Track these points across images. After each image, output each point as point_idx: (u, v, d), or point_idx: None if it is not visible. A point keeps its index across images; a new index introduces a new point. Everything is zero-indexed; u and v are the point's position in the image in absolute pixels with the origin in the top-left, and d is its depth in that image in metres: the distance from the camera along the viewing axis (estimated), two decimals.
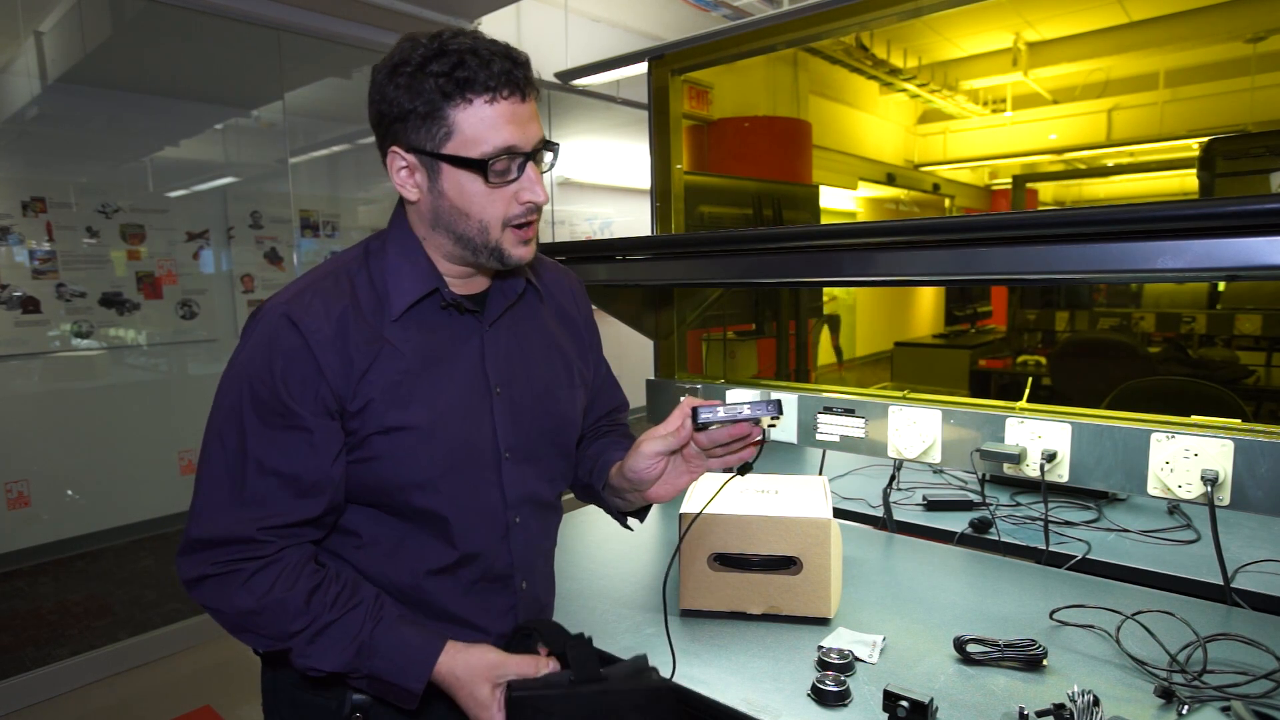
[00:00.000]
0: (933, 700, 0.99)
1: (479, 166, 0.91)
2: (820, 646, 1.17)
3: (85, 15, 3.16)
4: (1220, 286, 4.02)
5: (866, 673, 1.12)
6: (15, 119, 3.07)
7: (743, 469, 1.02)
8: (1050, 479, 1.48)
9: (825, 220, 5.15)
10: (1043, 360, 4.53)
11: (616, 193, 6.16)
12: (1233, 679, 1.07)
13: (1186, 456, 1.33)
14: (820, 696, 1.05)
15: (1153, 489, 1.37)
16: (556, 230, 5.71)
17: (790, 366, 3.17)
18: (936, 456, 1.62)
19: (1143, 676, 1.10)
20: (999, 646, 1.13)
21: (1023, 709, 0.97)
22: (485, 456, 1.02)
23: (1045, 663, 1.12)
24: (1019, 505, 1.84)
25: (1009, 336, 5.09)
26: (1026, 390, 1.86)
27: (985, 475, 1.86)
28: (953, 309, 6.63)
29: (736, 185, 3.50)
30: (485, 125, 0.90)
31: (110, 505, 3.31)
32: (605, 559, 1.61)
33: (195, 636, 3.19)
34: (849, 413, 1.73)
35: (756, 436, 0.99)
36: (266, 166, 3.79)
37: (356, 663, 0.93)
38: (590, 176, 5.94)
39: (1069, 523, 1.72)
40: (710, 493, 1.39)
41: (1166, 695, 1.02)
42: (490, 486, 1.02)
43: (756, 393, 1.93)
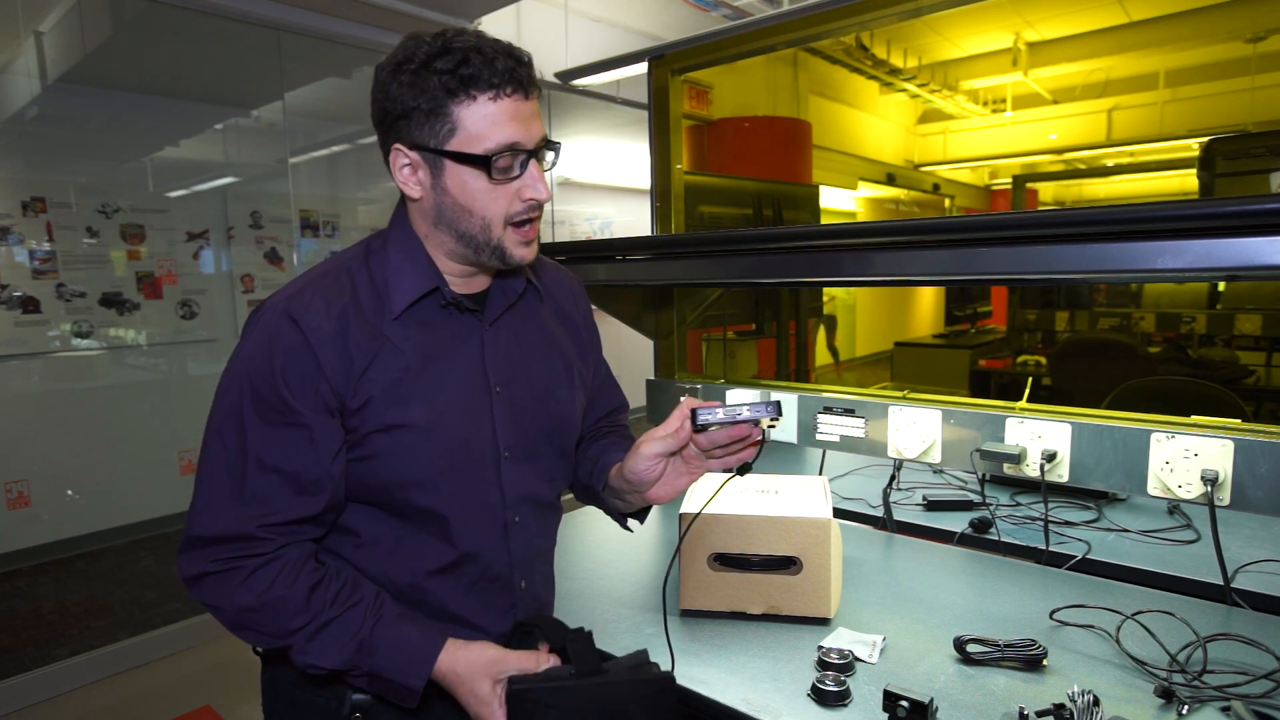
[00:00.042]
0: (933, 700, 0.99)
1: (482, 163, 0.92)
2: (820, 646, 1.17)
3: (85, 15, 3.16)
4: (1220, 286, 4.02)
5: (866, 673, 1.12)
6: (15, 119, 3.07)
7: (742, 469, 1.01)
8: (1050, 479, 1.48)
9: (825, 220, 5.15)
10: (1043, 360, 4.53)
11: (616, 193, 6.16)
12: (1233, 679, 1.07)
13: (1186, 456, 1.33)
14: (820, 696, 1.05)
15: (1153, 489, 1.37)
16: (556, 230, 5.71)
17: (790, 366, 3.17)
18: (936, 456, 1.62)
19: (1143, 676, 1.10)
20: (999, 646, 1.13)
21: (1023, 709, 0.97)
22: (484, 455, 1.02)
23: (1045, 663, 1.12)
24: (1019, 505, 1.84)
25: (1009, 336, 5.09)
26: (1026, 390, 1.86)
27: (985, 475, 1.86)
28: (953, 309, 6.62)
29: (736, 185, 3.49)
30: (488, 122, 0.91)
31: (110, 505, 3.31)
32: (605, 559, 1.61)
33: (195, 636, 3.19)
34: (849, 413, 1.73)
35: (756, 437, 0.99)
36: (266, 166, 3.79)
37: (357, 660, 0.92)
38: (590, 176, 5.94)
39: (1069, 523, 1.72)
40: (710, 493, 1.39)
41: (1166, 695, 1.02)
42: (489, 486, 1.02)
43: (756, 393, 1.93)
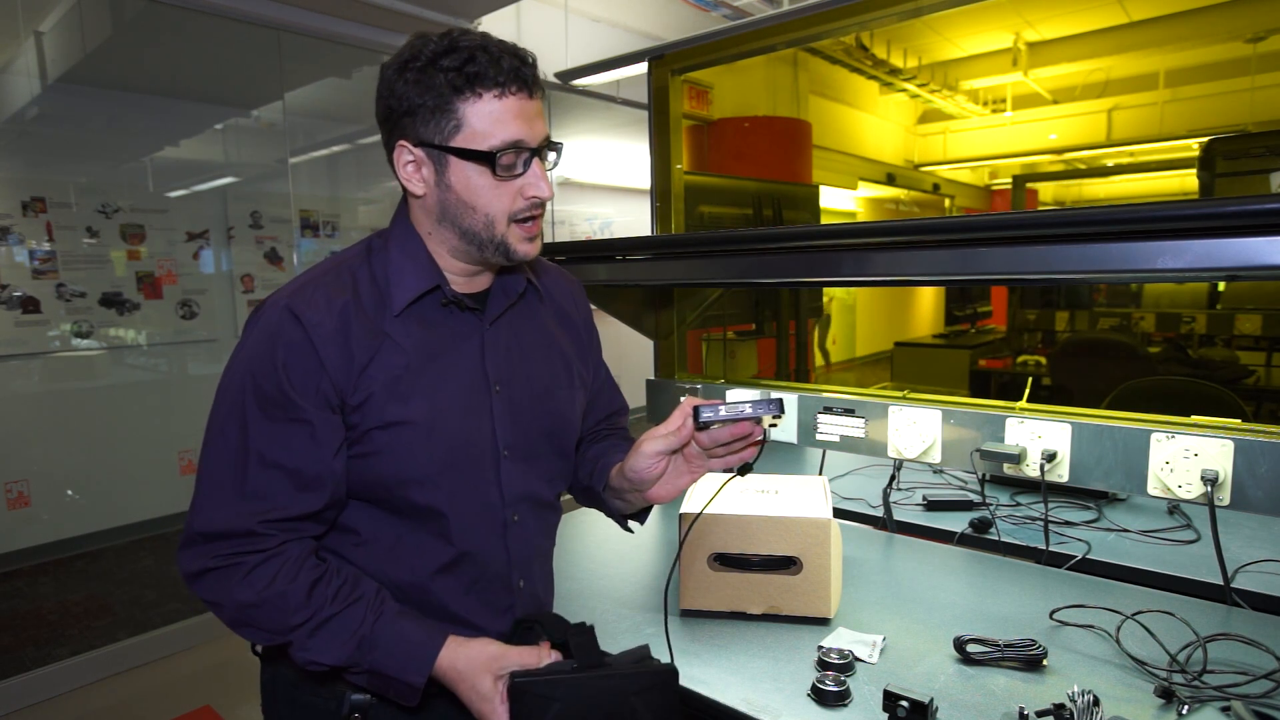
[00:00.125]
0: (933, 700, 0.99)
1: (487, 159, 0.93)
2: (820, 646, 1.17)
3: (85, 15, 3.16)
4: (1220, 286, 4.02)
5: (866, 673, 1.12)
6: (15, 119, 3.07)
7: (743, 469, 1.01)
8: (1050, 479, 1.48)
9: (825, 220, 5.15)
10: (1043, 360, 4.53)
11: (616, 193, 6.16)
12: (1233, 679, 1.07)
13: (1186, 456, 1.33)
14: (820, 696, 1.05)
15: (1153, 489, 1.37)
16: (556, 230, 5.71)
17: (790, 366, 3.17)
18: (936, 456, 1.62)
19: (1143, 676, 1.10)
20: (999, 646, 1.13)
21: (1023, 709, 0.97)
22: (484, 454, 1.02)
23: (1045, 663, 1.12)
24: (1019, 505, 1.84)
25: (1009, 336, 5.09)
26: (1026, 390, 1.86)
27: (985, 475, 1.86)
28: (953, 309, 6.63)
29: (736, 185, 3.49)
30: (493, 119, 0.92)
31: (110, 505, 3.30)
32: (605, 559, 1.61)
33: (195, 636, 3.19)
34: (849, 413, 1.73)
35: (758, 436, 0.99)
36: (266, 166, 3.79)
37: (357, 657, 0.92)
38: (590, 176, 5.94)
39: (1069, 523, 1.72)
40: (710, 493, 1.39)
41: (1166, 695, 1.02)
42: (488, 484, 1.03)
43: (757, 392, 1.93)
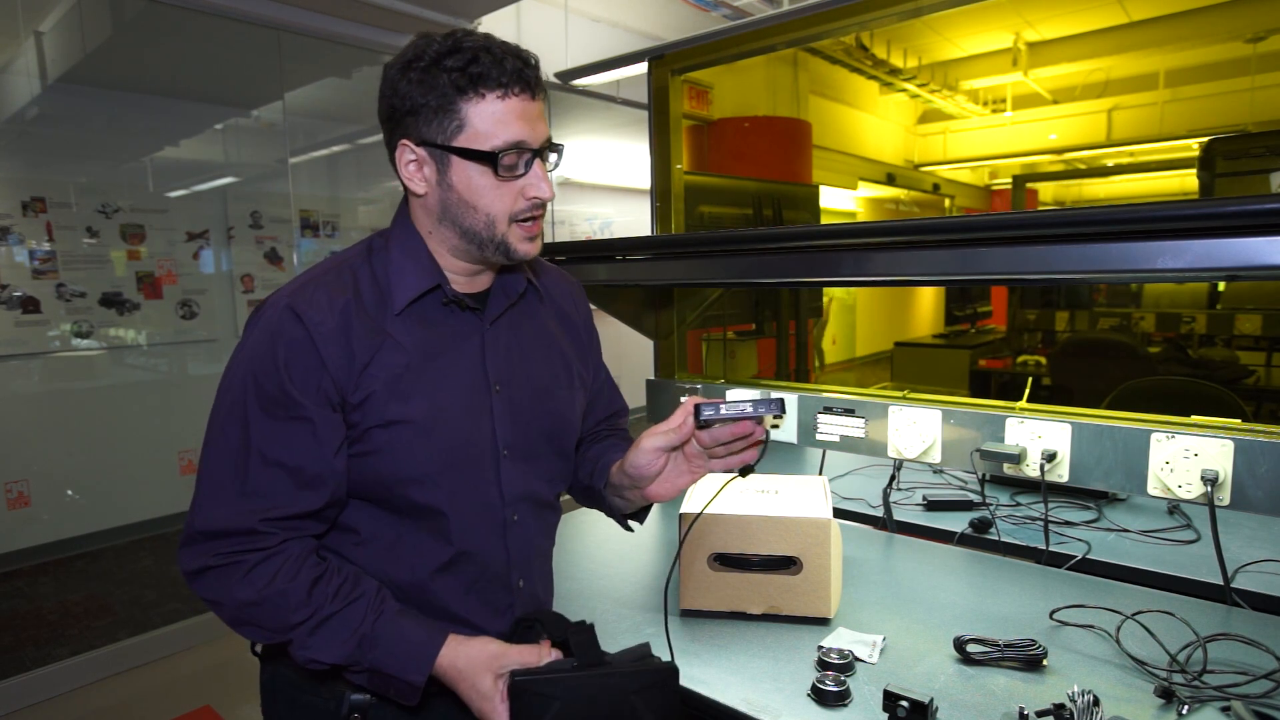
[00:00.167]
0: (933, 700, 0.99)
1: (489, 159, 0.93)
2: (820, 646, 1.17)
3: (85, 15, 3.16)
4: (1220, 286, 4.02)
5: (866, 673, 1.12)
6: (15, 119, 3.07)
7: (744, 471, 1.01)
8: (1050, 479, 1.48)
9: (825, 220, 5.15)
10: (1043, 360, 4.53)
11: (616, 193, 6.16)
12: (1233, 679, 1.07)
13: (1186, 456, 1.33)
14: (820, 696, 1.05)
15: (1153, 489, 1.37)
16: (556, 230, 5.71)
17: (790, 366, 3.17)
18: (936, 456, 1.62)
19: (1143, 676, 1.10)
20: (999, 646, 1.13)
21: (1023, 709, 0.97)
22: (484, 453, 1.02)
23: (1045, 663, 1.12)
24: (1019, 505, 1.84)
25: (1009, 336, 5.09)
26: (1026, 390, 1.86)
27: (985, 475, 1.86)
28: (953, 309, 6.63)
29: (736, 185, 3.49)
30: (496, 120, 0.92)
31: (110, 505, 3.30)
32: (605, 559, 1.61)
33: (195, 636, 3.19)
34: (849, 413, 1.73)
35: (759, 436, 0.99)
36: (266, 166, 3.79)
37: (357, 655, 0.92)
38: (590, 176, 5.94)
39: (1069, 523, 1.72)
40: (711, 493, 1.39)
41: (1166, 695, 1.02)
42: (488, 484, 1.03)
43: (757, 392, 1.93)
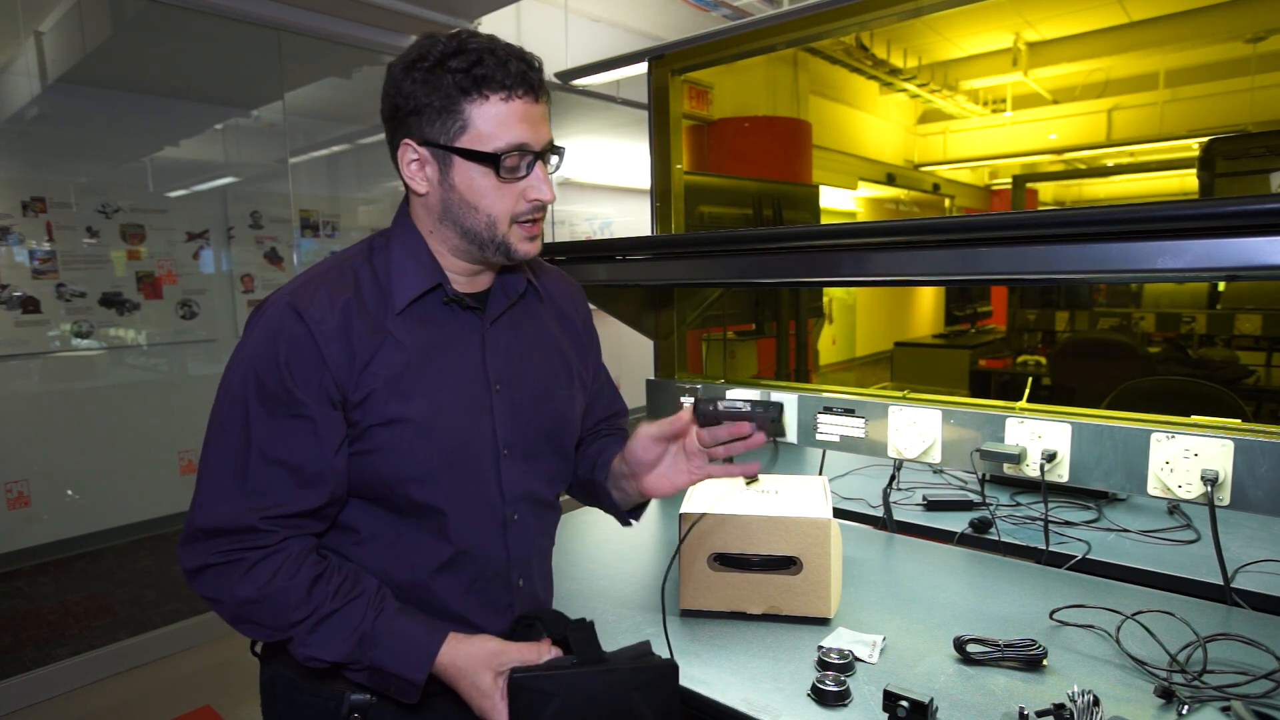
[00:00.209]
0: (933, 700, 0.99)
1: (491, 161, 0.94)
2: (820, 646, 1.17)
3: (85, 15, 3.16)
4: (1220, 286, 4.03)
5: (866, 673, 1.12)
6: (15, 119, 3.07)
7: (750, 481, 1.02)
8: (1050, 479, 1.48)
9: (825, 220, 5.15)
10: (1043, 360, 4.54)
11: (616, 193, 6.15)
12: (1233, 679, 1.07)
13: (1186, 456, 1.33)
14: (820, 696, 1.05)
15: (1153, 489, 1.37)
16: (556, 230, 5.71)
17: (790, 366, 3.17)
18: (936, 456, 1.62)
19: (1143, 676, 1.10)
20: (999, 646, 1.13)
21: (1023, 709, 0.97)
22: (484, 452, 1.02)
23: (1045, 663, 1.12)
24: (1019, 505, 1.84)
25: (1009, 336, 5.10)
26: (1026, 390, 1.86)
27: (985, 475, 1.86)
28: (953, 309, 6.63)
29: (736, 185, 3.49)
30: (499, 122, 0.93)
31: (110, 505, 3.30)
32: (605, 559, 1.61)
33: (195, 636, 3.19)
34: (849, 413, 1.73)
35: (756, 440, 1.01)
36: (266, 166, 3.79)
37: (357, 653, 0.92)
38: (590, 176, 5.94)
39: (1069, 523, 1.72)
40: (711, 494, 1.39)
41: (1166, 695, 1.03)
42: (488, 483, 1.03)
43: (757, 392, 1.93)
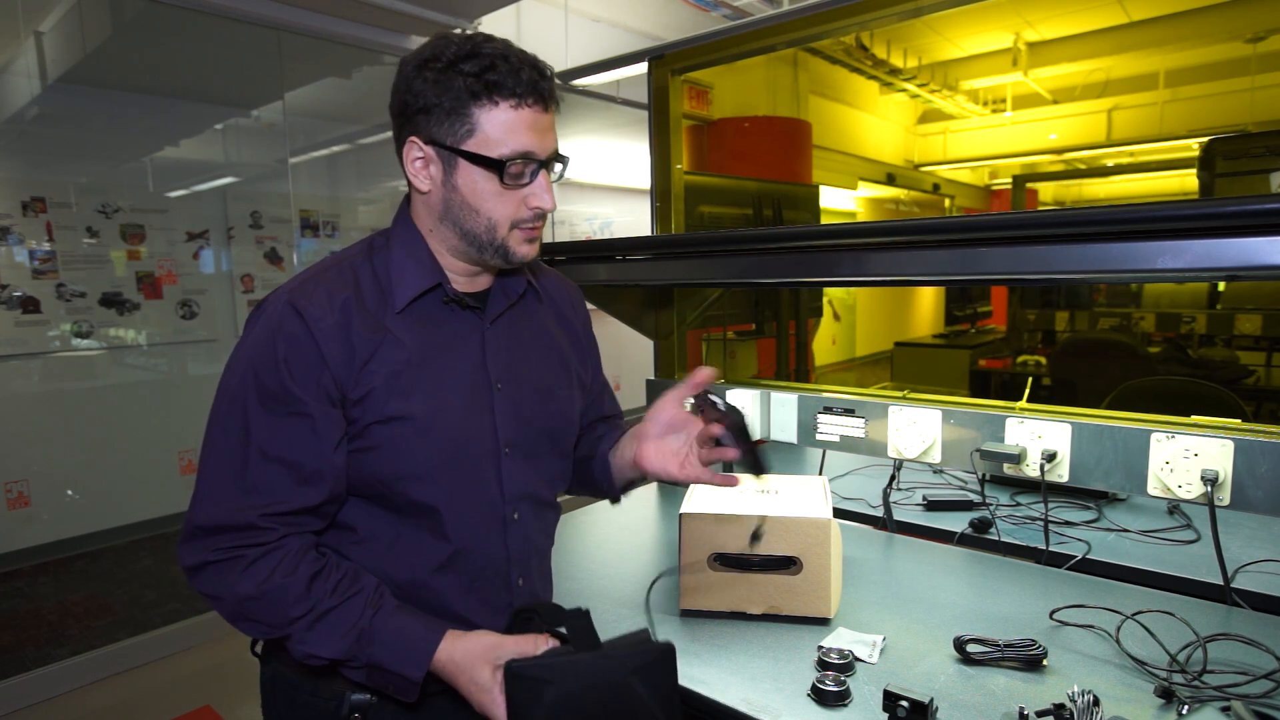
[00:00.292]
0: (933, 700, 0.99)
1: (496, 166, 0.94)
2: (820, 646, 1.17)
3: (85, 15, 3.16)
4: (1220, 286, 4.03)
5: (866, 673, 1.12)
6: (15, 119, 3.07)
7: (756, 469, 1.03)
8: (1050, 479, 1.48)
9: (825, 220, 5.15)
10: (1043, 360, 4.54)
11: (616, 193, 6.15)
12: (1233, 679, 1.07)
13: (1186, 456, 1.33)
14: (820, 696, 1.05)
15: (1153, 489, 1.37)
16: (556, 230, 5.71)
17: (790, 366, 3.16)
18: (936, 456, 1.62)
19: (1143, 676, 1.10)
20: (999, 646, 1.13)
21: (1023, 709, 0.97)
22: (485, 451, 1.03)
23: (1045, 663, 1.12)
24: (1019, 505, 1.84)
25: (1009, 336, 5.09)
26: (1026, 390, 1.86)
27: (985, 475, 1.86)
28: (953, 309, 6.63)
29: (736, 185, 3.49)
30: (506, 128, 0.93)
31: (110, 505, 3.30)
32: (605, 559, 1.61)
33: (195, 636, 3.19)
34: (849, 413, 1.73)
35: (728, 455, 1.03)
36: (266, 166, 3.79)
37: (355, 650, 0.93)
38: (590, 176, 5.93)
39: (1069, 523, 1.72)
40: (711, 494, 1.39)
41: (1166, 695, 1.03)
42: (489, 481, 1.03)
43: (750, 396, 1.91)
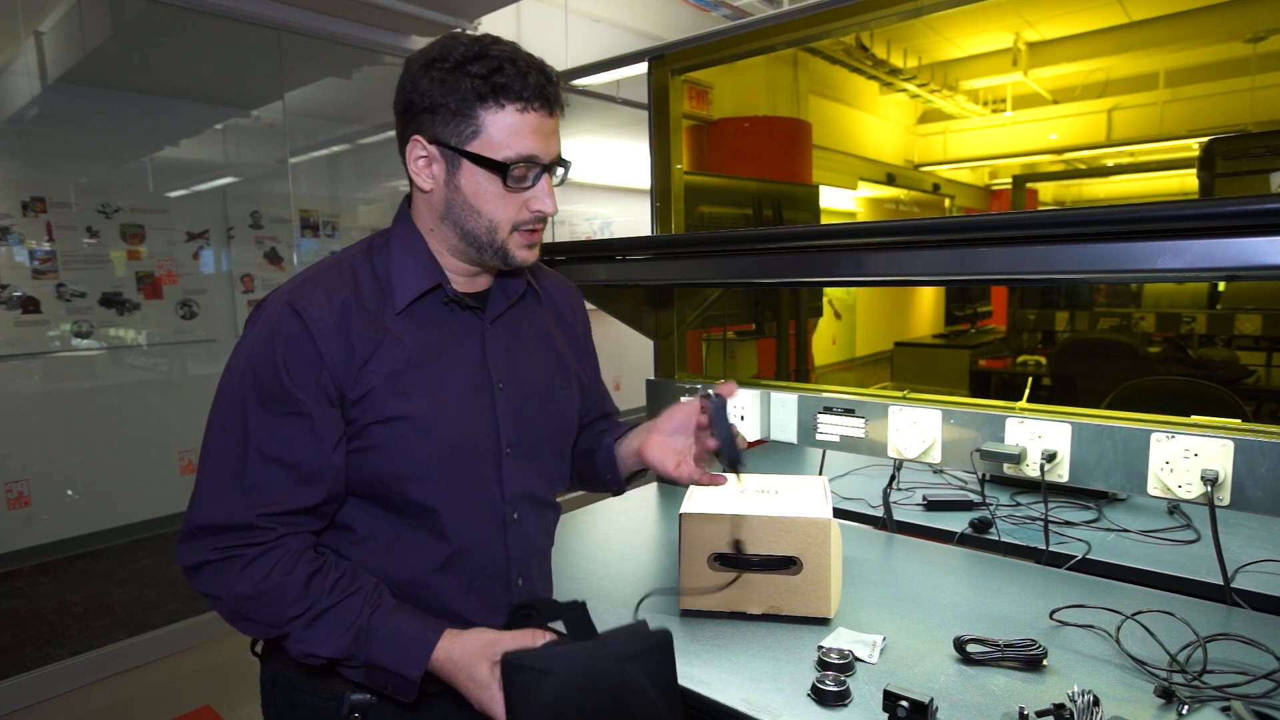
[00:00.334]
0: (933, 700, 0.99)
1: (499, 169, 0.94)
2: (820, 646, 1.17)
3: (85, 15, 3.16)
4: (1220, 286, 4.02)
5: (866, 673, 1.12)
6: (15, 119, 3.07)
7: (732, 463, 1.03)
8: (1050, 479, 1.48)
9: (825, 220, 5.15)
10: (1043, 360, 4.53)
11: (616, 193, 6.15)
12: (1233, 679, 1.07)
13: (1186, 456, 1.33)
14: (820, 696, 1.05)
15: (1153, 489, 1.37)
16: (556, 230, 5.71)
17: (790, 366, 3.17)
18: (936, 456, 1.62)
19: (1143, 676, 1.10)
20: (999, 646, 1.13)
21: (1023, 709, 0.97)
22: (485, 450, 1.03)
23: (1045, 663, 1.12)
24: (1019, 505, 1.84)
25: (1009, 336, 5.09)
26: (1026, 390, 1.86)
27: (985, 475, 1.86)
28: (953, 309, 6.63)
29: (736, 185, 3.49)
30: (511, 132, 0.94)
31: (110, 505, 3.30)
32: (605, 559, 1.61)
33: (195, 636, 3.19)
34: (849, 413, 1.73)
35: (708, 442, 1.05)
36: (266, 166, 3.79)
37: (354, 649, 0.93)
38: (590, 176, 5.94)
39: (1069, 523, 1.72)
40: (711, 494, 1.39)
41: (1166, 695, 1.03)
42: (489, 481, 1.03)
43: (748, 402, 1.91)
